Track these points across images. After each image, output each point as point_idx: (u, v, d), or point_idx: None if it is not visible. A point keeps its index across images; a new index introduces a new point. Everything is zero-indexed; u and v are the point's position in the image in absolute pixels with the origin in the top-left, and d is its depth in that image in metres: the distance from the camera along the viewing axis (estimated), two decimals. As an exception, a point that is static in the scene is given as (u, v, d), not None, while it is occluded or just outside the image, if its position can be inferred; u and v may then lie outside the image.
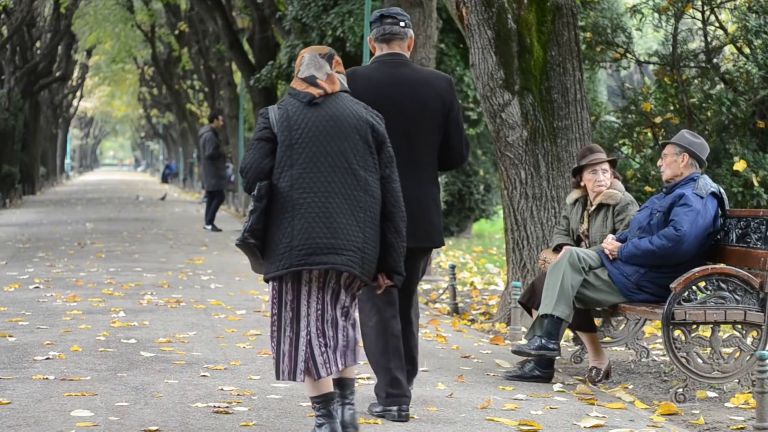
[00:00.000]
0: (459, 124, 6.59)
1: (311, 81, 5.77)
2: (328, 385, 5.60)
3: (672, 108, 12.05)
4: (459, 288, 13.05)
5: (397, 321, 6.43)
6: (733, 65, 12.22)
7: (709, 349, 7.22)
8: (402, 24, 6.56)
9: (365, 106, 5.86)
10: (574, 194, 8.44)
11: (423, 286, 14.17)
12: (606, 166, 8.27)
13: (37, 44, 41.68)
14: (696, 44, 12.57)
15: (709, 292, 7.23)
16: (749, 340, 7.27)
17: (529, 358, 7.76)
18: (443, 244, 6.74)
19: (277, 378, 5.63)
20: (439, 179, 18.68)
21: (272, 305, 5.66)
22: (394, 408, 6.36)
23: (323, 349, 5.58)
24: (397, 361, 6.38)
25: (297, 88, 5.78)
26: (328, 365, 5.58)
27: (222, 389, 7.07)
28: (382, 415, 6.41)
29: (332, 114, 5.71)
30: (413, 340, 6.61)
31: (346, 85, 5.87)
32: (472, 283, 14.21)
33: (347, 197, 5.63)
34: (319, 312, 5.61)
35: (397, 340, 6.42)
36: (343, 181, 5.64)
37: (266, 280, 5.65)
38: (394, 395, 6.37)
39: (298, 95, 5.75)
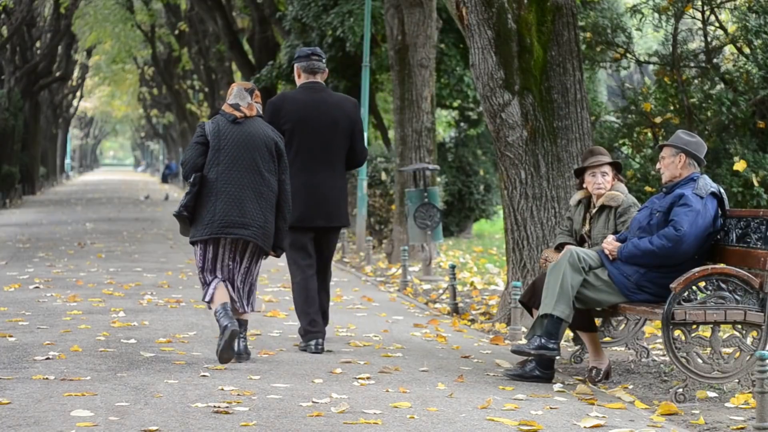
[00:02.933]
0: (361, 135, 8.94)
1: (236, 107, 8.16)
2: (225, 298, 8.03)
3: (672, 108, 12.04)
4: (459, 288, 13.04)
5: (314, 280, 8.75)
6: (733, 65, 12.22)
7: (709, 349, 7.21)
8: (323, 61, 8.98)
9: (273, 129, 8.26)
10: (578, 195, 8.45)
11: (423, 286, 14.17)
12: (606, 168, 8.27)
13: (37, 44, 41.69)
14: (696, 44, 12.57)
15: (709, 292, 7.22)
16: (749, 340, 7.26)
17: (530, 358, 7.76)
18: (349, 225, 9.14)
19: (203, 299, 8.14)
20: (439, 179, 18.76)
21: (198, 260, 8.15)
22: (312, 342, 8.57)
23: (235, 291, 8.08)
24: (314, 308, 8.65)
25: (226, 111, 8.16)
26: (238, 304, 8.09)
27: (222, 389, 7.07)
28: (304, 349, 8.63)
29: (249, 132, 8.11)
30: (327, 298, 8.94)
31: (260, 112, 8.23)
32: (472, 283, 14.20)
33: (254, 190, 8.03)
34: (230, 267, 8.10)
35: (315, 292, 8.71)
36: (253, 179, 8.04)
37: (192, 243, 8.15)
38: (312, 332, 8.61)
39: (225, 115, 8.15)
